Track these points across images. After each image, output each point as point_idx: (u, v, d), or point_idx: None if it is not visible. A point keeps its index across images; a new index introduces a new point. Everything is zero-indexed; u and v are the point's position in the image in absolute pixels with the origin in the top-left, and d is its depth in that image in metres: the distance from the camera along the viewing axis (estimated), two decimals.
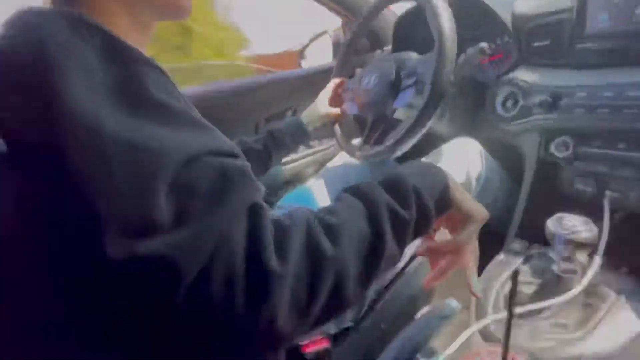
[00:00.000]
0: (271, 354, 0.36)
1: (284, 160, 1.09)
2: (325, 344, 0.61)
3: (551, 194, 0.66)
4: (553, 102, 0.59)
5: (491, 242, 0.71)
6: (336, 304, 0.32)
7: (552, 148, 0.62)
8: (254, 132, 1.01)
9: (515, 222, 0.69)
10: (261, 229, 0.30)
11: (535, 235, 0.63)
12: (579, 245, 0.47)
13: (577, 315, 0.50)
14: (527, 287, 0.58)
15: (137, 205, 0.26)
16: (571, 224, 0.48)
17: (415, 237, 0.37)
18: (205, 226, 0.28)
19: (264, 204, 0.32)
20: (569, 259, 0.50)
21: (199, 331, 0.29)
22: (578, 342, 0.47)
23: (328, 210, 0.35)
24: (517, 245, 0.64)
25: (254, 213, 0.30)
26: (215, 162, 0.30)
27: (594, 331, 0.48)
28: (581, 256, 0.50)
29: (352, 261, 0.32)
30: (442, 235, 0.44)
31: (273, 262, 0.29)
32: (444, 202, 0.39)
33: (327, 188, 0.85)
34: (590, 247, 0.48)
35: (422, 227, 0.37)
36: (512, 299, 0.36)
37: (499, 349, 0.38)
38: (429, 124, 0.63)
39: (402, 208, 0.35)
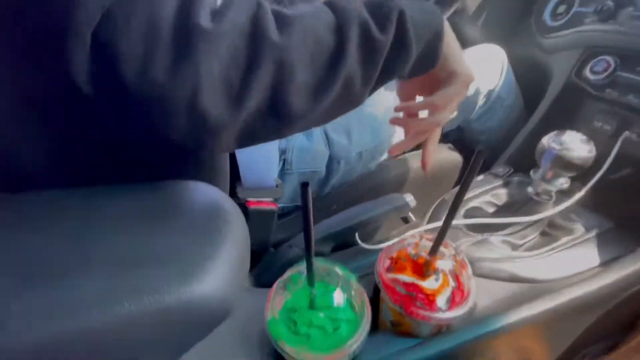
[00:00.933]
0: (196, 148, 0.32)
1: None
2: (272, 207, 0.59)
3: (561, 127, 0.58)
4: (614, 9, 0.48)
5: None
6: (275, 107, 0.28)
7: (587, 71, 0.53)
8: None
9: (511, 149, 0.62)
10: None
11: (523, 165, 0.57)
12: (567, 165, 0.41)
13: (534, 240, 0.47)
14: (491, 207, 0.54)
15: None
16: (569, 139, 0.41)
17: (387, 73, 0.31)
18: None
19: None
20: (548, 181, 0.45)
21: (111, 99, 0.25)
22: (518, 262, 0.44)
23: (290, 9, 0.29)
24: (500, 169, 0.59)
25: None
26: None
27: (541, 258, 0.45)
28: (564, 181, 0.44)
29: (300, 62, 0.27)
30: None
31: (205, 19, 0.24)
32: (431, 53, 0.33)
33: None
34: (577, 171, 0.42)
35: (396, 59, 0.31)
36: (470, 174, 0.31)
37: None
38: None
39: (377, 29, 0.30)
